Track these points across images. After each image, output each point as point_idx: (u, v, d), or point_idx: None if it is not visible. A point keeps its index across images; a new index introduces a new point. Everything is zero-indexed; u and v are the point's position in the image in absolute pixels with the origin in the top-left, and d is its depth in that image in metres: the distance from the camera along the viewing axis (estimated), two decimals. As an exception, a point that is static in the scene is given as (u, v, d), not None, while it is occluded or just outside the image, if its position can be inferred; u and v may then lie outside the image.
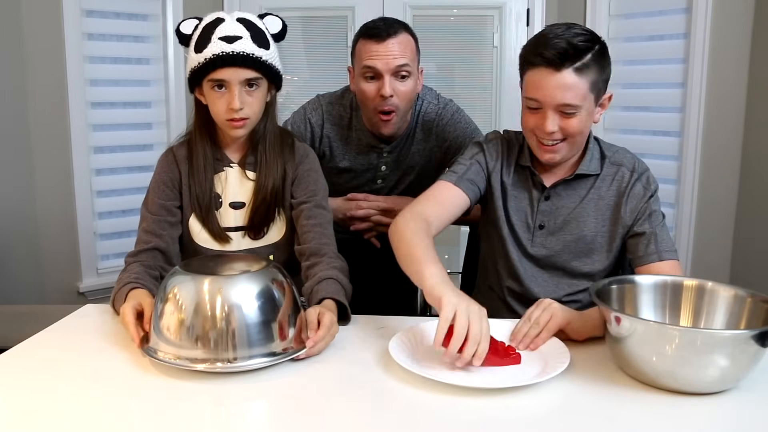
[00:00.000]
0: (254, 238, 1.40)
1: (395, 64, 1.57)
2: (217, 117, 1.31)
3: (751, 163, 2.33)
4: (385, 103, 1.59)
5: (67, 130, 2.60)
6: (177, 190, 1.38)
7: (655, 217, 1.33)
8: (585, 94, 1.24)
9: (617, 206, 1.33)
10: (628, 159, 1.37)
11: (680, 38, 2.47)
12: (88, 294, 2.70)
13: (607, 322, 1.00)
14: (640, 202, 1.33)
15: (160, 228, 1.35)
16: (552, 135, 1.26)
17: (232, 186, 1.39)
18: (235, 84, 1.26)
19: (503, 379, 0.97)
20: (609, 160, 1.37)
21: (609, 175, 1.36)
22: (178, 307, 1.01)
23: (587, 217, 1.35)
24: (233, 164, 1.39)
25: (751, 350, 0.90)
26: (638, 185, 1.34)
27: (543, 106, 1.25)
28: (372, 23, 1.62)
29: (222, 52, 1.24)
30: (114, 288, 1.26)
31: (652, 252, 1.29)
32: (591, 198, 1.35)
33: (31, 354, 1.10)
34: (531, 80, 1.27)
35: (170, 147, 1.42)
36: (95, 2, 2.64)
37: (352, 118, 1.74)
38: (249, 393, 0.96)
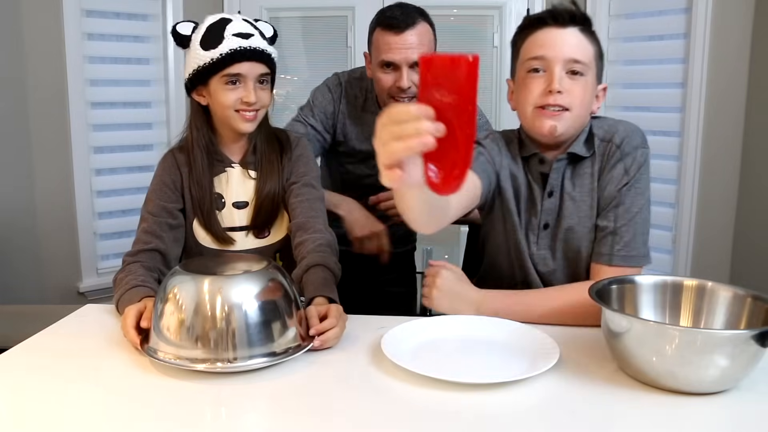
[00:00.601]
0: (258, 237, 1.40)
1: (413, 58, 1.56)
2: (226, 111, 1.32)
3: (751, 163, 2.33)
4: (403, 93, 1.59)
5: (67, 130, 2.60)
6: (179, 193, 1.38)
7: (624, 212, 1.20)
8: (591, 57, 1.20)
9: (593, 191, 1.24)
10: (620, 132, 1.24)
11: (680, 38, 2.47)
12: (88, 294, 2.70)
13: (608, 322, 1.00)
14: (614, 189, 1.22)
15: (161, 229, 1.34)
16: (558, 96, 1.17)
17: (235, 186, 1.39)
18: (251, 78, 1.30)
19: (501, 374, 0.97)
20: (597, 135, 1.26)
21: (598, 155, 1.25)
22: (178, 307, 1.01)
23: (582, 213, 1.26)
24: (234, 164, 1.40)
25: (751, 350, 0.90)
26: (619, 166, 1.22)
27: (549, 63, 1.18)
28: (390, 12, 1.60)
29: (240, 47, 1.28)
30: (118, 289, 1.23)
31: (605, 252, 1.21)
32: (585, 187, 1.25)
33: (31, 354, 1.10)
34: (534, 41, 1.21)
35: (170, 149, 1.42)
36: (95, 2, 2.64)
37: (366, 101, 1.74)
38: (249, 393, 0.96)
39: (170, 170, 1.38)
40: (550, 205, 1.28)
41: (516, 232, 1.30)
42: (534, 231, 1.30)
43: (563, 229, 1.28)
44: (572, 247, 1.27)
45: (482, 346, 1.10)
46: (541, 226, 1.29)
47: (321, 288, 1.20)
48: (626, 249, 1.20)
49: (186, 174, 1.37)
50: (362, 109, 1.73)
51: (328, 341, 1.08)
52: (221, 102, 1.32)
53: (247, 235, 1.40)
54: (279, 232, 1.42)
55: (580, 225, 1.26)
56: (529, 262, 1.31)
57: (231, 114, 1.32)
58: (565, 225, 1.27)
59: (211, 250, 1.39)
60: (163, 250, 1.34)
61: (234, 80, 1.30)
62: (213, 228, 1.37)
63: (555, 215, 1.29)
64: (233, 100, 1.30)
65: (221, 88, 1.31)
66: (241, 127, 1.34)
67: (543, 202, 1.28)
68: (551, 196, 1.28)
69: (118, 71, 2.78)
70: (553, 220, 1.29)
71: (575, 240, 1.27)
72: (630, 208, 1.21)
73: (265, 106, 1.35)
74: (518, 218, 1.30)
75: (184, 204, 1.38)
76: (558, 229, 1.28)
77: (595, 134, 1.27)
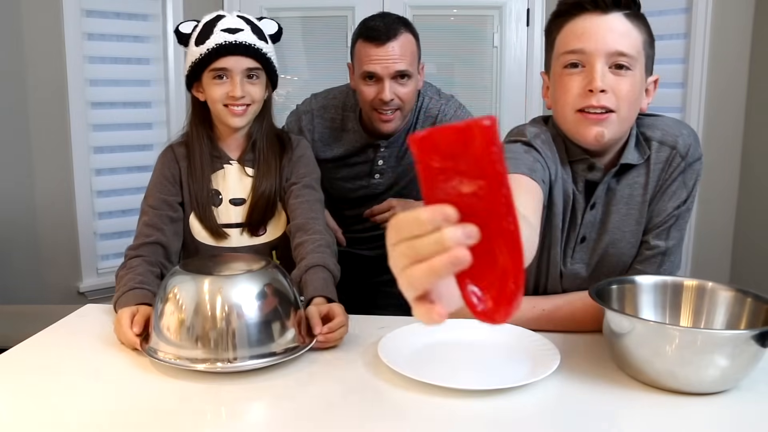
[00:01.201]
0: (254, 235, 1.40)
1: (395, 69, 1.55)
2: (216, 105, 1.34)
3: (751, 163, 2.33)
4: (385, 106, 1.58)
5: (67, 130, 2.60)
6: (178, 186, 1.38)
7: (677, 232, 1.12)
8: (639, 47, 1.03)
9: (644, 200, 1.11)
10: (684, 138, 1.10)
11: (680, 38, 2.47)
12: (88, 294, 2.70)
13: (609, 322, 0.99)
14: (673, 206, 1.11)
15: (162, 222, 1.34)
16: (601, 96, 1.01)
17: (232, 183, 1.40)
18: (237, 73, 1.31)
19: (502, 380, 0.97)
20: (654, 138, 1.10)
21: (656, 161, 1.10)
22: (178, 307, 1.01)
23: (628, 229, 1.13)
24: (232, 161, 1.41)
25: (752, 350, 0.90)
26: (679, 179, 1.10)
27: (589, 58, 1.02)
28: (372, 22, 1.59)
29: (225, 42, 1.30)
30: (118, 288, 1.23)
31: (650, 272, 1.13)
32: (635, 199, 1.12)
33: (31, 354, 1.10)
34: (572, 31, 1.04)
35: (170, 144, 1.43)
36: (95, 2, 2.64)
37: (343, 119, 1.73)
38: (249, 393, 0.96)
39: (170, 164, 1.39)
40: (591, 217, 1.15)
41: (555, 245, 1.16)
42: (571, 245, 1.17)
43: (604, 244, 1.16)
44: (610, 261, 1.16)
45: (481, 350, 1.09)
46: (578, 239, 1.16)
47: (321, 288, 1.19)
48: (671, 267, 1.14)
49: (185, 168, 1.38)
50: (341, 129, 1.73)
51: (333, 341, 1.08)
52: (211, 96, 1.34)
53: (242, 233, 1.40)
54: (275, 230, 1.42)
55: (624, 240, 1.15)
56: (558, 276, 1.19)
57: (220, 108, 1.34)
58: (607, 239, 1.15)
59: (206, 246, 1.39)
60: (165, 243, 1.34)
61: (221, 75, 1.32)
62: (209, 222, 1.37)
63: (596, 228, 1.16)
64: (220, 95, 1.32)
65: (210, 82, 1.33)
66: (230, 122, 1.35)
67: (585, 214, 1.14)
68: (593, 208, 1.14)
69: (118, 71, 2.78)
70: (593, 234, 1.16)
71: (615, 255, 1.16)
72: (682, 226, 1.13)
73: (255, 101, 1.35)
74: (561, 233, 1.15)
75: (182, 198, 1.39)
76: (598, 243, 1.16)
77: (651, 137, 1.12)
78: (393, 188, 1.75)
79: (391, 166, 1.73)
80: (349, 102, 1.73)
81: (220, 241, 1.39)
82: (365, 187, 1.75)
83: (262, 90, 1.36)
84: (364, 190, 1.76)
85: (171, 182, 1.38)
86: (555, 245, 1.15)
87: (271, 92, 1.42)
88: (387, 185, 1.75)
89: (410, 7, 2.88)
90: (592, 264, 1.18)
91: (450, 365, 1.05)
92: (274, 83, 1.41)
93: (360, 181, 1.76)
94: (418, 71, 1.63)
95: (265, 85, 1.37)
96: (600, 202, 1.13)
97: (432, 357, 1.07)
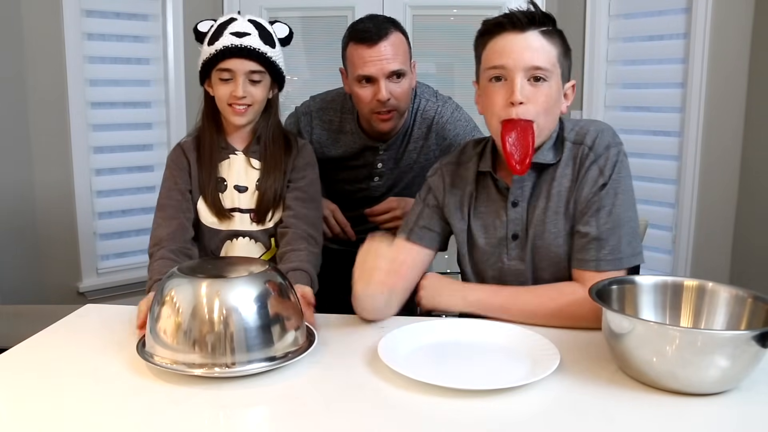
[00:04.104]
0: (257, 222, 1.47)
1: (389, 69, 1.55)
2: (221, 103, 1.42)
3: (751, 163, 2.33)
4: (382, 106, 1.58)
5: (67, 130, 2.60)
6: (187, 176, 1.47)
7: (606, 216, 1.15)
8: (554, 61, 1.14)
9: (569, 196, 1.19)
10: (591, 133, 1.19)
11: (680, 38, 2.47)
12: (88, 294, 2.70)
13: (609, 322, 0.99)
14: (590, 192, 1.16)
15: (179, 211, 1.43)
16: (521, 109, 1.12)
17: (237, 172, 1.47)
18: (240, 74, 1.39)
19: (502, 380, 0.97)
20: (568, 139, 1.20)
21: (569, 159, 1.20)
22: (175, 310, 1.00)
23: (549, 220, 1.21)
24: (238, 152, 1.48)
25: (752, 351, 0.90)
26: (594, 169, 1.17)
27: (510, 72, 1.14)
28: (361, 24, 1.59)
29: (231, 45, 1.38)
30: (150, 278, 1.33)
31: (591, 258, 1.16)
32: (553, 194, 1.20)
33: (31, 354, 1.10)
34: (494, 49, 1.16)
35: (178, 143, 1.52)
36: (95, 2, 2.64)
37: (341, 122, 1.73)
38: (248, 398, 0.95)
39: (178, 159, 1.48)
40: (516, 215, 1.24)
41: (480, 249, 1.29)
42: (503, 243, 1.26)
43: (531, 238, 1.23)
44: (544, 255, 1.23)
45: (481, 350, 1.09)
46: (509, 236, 1.26)
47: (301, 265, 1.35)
48: (613, 253, 1.16)
49: (194, 158, 1.47)
50: (339, 131, 1.73)
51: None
52: (217, 95, 1.43)
53: (247, 219, 1.47)
54: (276, 217, 1.49)
55: (546, 232, 1.21)
56: (507, 276, 1.27)
57: (225, 107, 1.42)
58: (532, 233, 1.23)
59: (212, 229, 1.46)
60: (186, 227, 1.43)
61: (226, 75, 1.39)
62: (214, 203, 1.45)
63: (523, 225, 1.24)
64: (225, 94, 1.40)
65: (216, 82, 1.41)
66: (232, 120, 1.43)
67: (507, 212, 1.25)
68: (516, 206, 1.24)
69: (118, 71, 2.78)
70: (522, 230, 1.24)
71: (543, 247, 1.22)
72: (612, 210, 1.16)
73: (256, 101, 1.42)
74: (483, 234, 1.28)
75: (191, 186, 1.47)
76: (527, 239, 1.24)
77: (566, 138, 1.22)
78: (392, 190, 1.76)
79: (389, 168, 1.73)
80: (347, 104, 1.73)
81: (225, 222, 1.46)
82: (365, 189, 1.75)
83: (264, 91, 1.43)
84: (364, 192, 1.76)
85: (182, 172, 1.46)
86: (479, 247, 1.28)
87: (277, 92, 1.50)
88: (386, 187, 1.75)
89: (410, 7, 2.88)
90: (526, 260, 1.25)
91: (450, 365, 1.05)
92: (280, 84, 1.49)
93: (359, 184, 1.76)
94: (411, 69, 1.63)
95: (268, 86, 1.45)
96: (522, 201, 1.24)
97: (432, 357, 1.07)
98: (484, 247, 1.28)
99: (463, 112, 1.73)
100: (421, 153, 1.72)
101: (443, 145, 1.70)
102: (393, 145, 1.70)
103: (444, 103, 1.72)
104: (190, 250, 1.43)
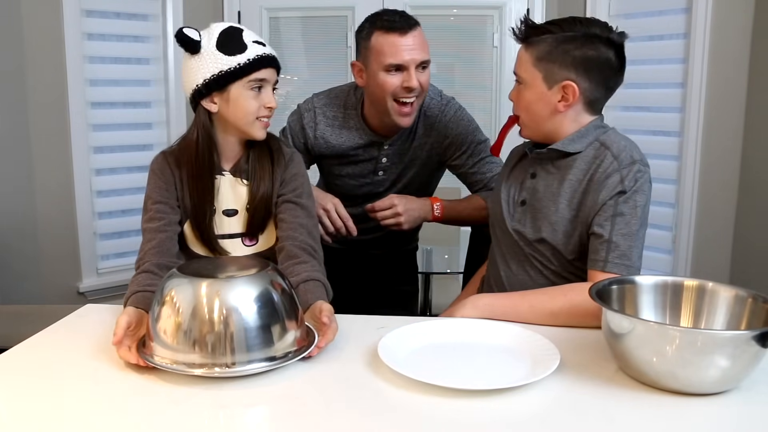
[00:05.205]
0: (248, 245, 1.40)
1: (420, 59, 1.57)
2: (246, 117, 1.31)
3: (751, 163, 2.33)
4: (410, 94, 1.58)
5: (67, 130, 2.60)
6: (174, 188, 1.37)
7: (620, 223, 1.21)
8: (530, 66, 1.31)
9: (586, 191, 1.26)
10: (620, 143, 1.27)
11: (680, 38, 2.47)
12: (88, 294, 2.70)
13: (609, 322, 1.00)
14: (607, 196, 1.22)
15: (167, 225, 1.33)
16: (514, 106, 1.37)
17: (225, 194, 1.38)
18: (271, 84, 1.33)
19: (502, 380, 0.97)
20: (597, 138, 1.29)
21: (589, 156, 1.28)
22: (175, 310, 0.99)
23: (560, 198, 1.28)
24: (225, 172, 1.39)
25: (752, 351, 0.90)
26: (615, 176, 1.23)
27: None
28: (387, 16, 1.59)
29: (264, 54, 1.31)
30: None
31: (600, 259, 1.22)
32: (569, 179, 1.28)
33: (31, 354, 1.10)
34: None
35: (162, 151, 1.41)
36: (95, 2, 2.65)
37: (345, 117, 1.73)
38: (248, 398, 0.95)
39: (164, 170, 1.37)
40: (531, 184, 1.36)
41: (499, 204, 1.42)
42: (511, 204, 1.40)
43: (532, 207, 1.34)
44: (537, 226, 1.32)
45: (481, 350, 1.09)
46: (518, 201, 1.38)
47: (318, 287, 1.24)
48: (621, 258, 1.20)
49: (178, 176, 1.37)
50: (343, 126, 1.73)
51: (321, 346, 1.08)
52: (244, 108, 1.31)
53: (237, 243, 1.39)
54: (268, 239, 1.41)
55: (547, 209, 1.31)
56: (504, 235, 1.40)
57: (251, 121, 1.32)
58: (537, 204, 1.33)
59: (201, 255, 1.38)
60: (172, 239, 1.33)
61: (258, 86, 1.31)
62: (206, 235, 1.37)
63: (532, 195, 1.36)
64: (256, 107, 1.31)
65: (245, 94, 1.30)
66: (257, 134, 1.34)
67: (525, 181, 1.38)
68: (534, 177, 1.36)
69: (118, 71, 2.78)
70: (530, 198, 1.36)
71: (540, 219, 1.31)
72: (629, 221, 1.21)
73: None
74: (505, 192, 1.43)
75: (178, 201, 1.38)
76: (530, 207, 1.35)
77: (597, 139, 1.30)
78: (396, 185, 1.76)
79: (394, 163, 1.74)
80: (351, 100, 1.73)
81: (216, 254, 1.38)
82: (369, 184, 1.76)
83: None
84: (368, 187, 1.76)
85: (167, 186, 1.36)
86: (499, 203, 1.42)
87: None
88: (390, 182, 1.76)
89: (410, 7, 2.88)
90: (526, 225, 1.34)
91: (450, 365, 1.05)
92: None
93: (364, 179, 1.76)
94: None
95: None
96: (540, 174, 1.36)
97: (432, 357, 1.07)
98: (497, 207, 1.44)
99: (465, 112, 1.74)
100: (423, 149, 1.73)
101: (444, 143, 1.71)
102: (397, 140, 1.71)
103: (447, 103, 1.73)
104: (176, 264, 1.27)
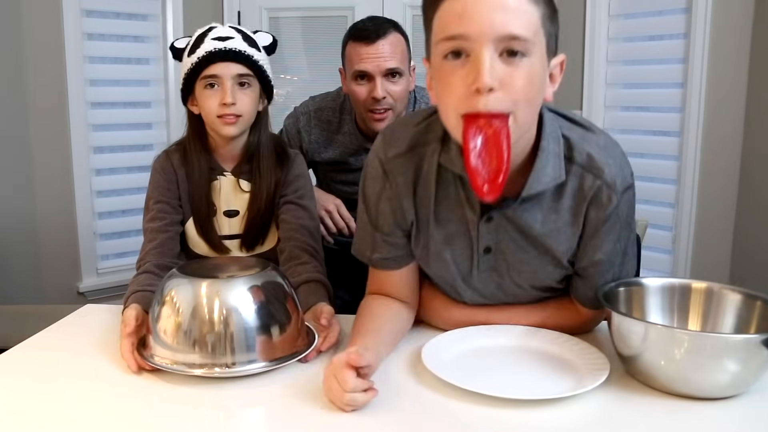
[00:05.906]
0: (249, 248, 1.40)
1: (386, 67, 1.56)
2: (209, 116, 1.32)
3: (751, 163, 2.33)
4: (378, 104, 1.58)
5: (67, 130, 2.60)
6: (176, 187, 1.37)
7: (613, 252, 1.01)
8: (537, 26, 0.82)
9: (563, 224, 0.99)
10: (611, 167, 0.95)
11: (680, 38, 2.47)
12: (88, 294, 2.70)
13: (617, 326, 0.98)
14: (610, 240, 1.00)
15: (169, 225, 1.34)
16: (490, 98, 0.80)
17: (226, 195, 1.39)
18: (227, 79, 1.29)
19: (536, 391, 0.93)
20: (578, 162, 0.95)
21: (575, 189, 0.96)
22: (175, 310, 0.99)
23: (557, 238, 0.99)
24: (226, 173, 1.39)
25: (763, 355, 0.88)
26: (613, 216, 0.98)
27: (474, 45, 0.80)
28: (361, 24, 1.61)
29: (215, 49, 1.29)
30: None
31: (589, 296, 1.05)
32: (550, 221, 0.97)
33: (31, 354, 1.09)
34: (452, 10, 0.81)
35: (165, 150, 1.41)
36: (95, 2, 2.64)
37: (340, 122, 1.73)
38: (248, 398, 0.94)
39: (167, 169, 1.38)
40: (491, 228, 1.00)
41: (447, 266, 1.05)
42: (471, 259, 1.04)
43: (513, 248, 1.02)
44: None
45: (525, 358, 1.03)
46: (480, 251, 1.02)
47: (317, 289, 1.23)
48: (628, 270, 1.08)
49: (182, 175, 1.37)
50: (337, 131, 1.73)
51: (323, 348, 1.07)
52: (204, 108, 1.32)
53: (238, 245, 1.40)
54: (269, 243, 1.41)
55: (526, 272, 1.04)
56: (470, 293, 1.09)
57: (213, 120, 1.31)
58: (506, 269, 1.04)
59: (203, 255, 1.38)
60: (174, 240, 1.34)
61: (212, 82, 1.30)
62: (209, 235, 1.37)
63: (496, 240, 1.02)
64: (214, 105, 1.30)
65: (202, 93, 1.31)
66: (223, 131, 1.32)
67: (480, 227, 1.00)
68: (490, 221, 0.99)
69: (118, 71, 2.78)
70: (494, 245, 1.02)
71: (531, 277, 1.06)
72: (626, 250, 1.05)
73: (246, 111, 1.32)
74: (448, 250, 1.04)
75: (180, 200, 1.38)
76: (503, 252, 1.03)
77: (575, 159, 0.95)
78: None
79: None
80: (347, 105, 1.74)
81: (219, 254, 1.39)
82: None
83: (254, 99, 1.34)
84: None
85: (169, 185, 1.36)
86: (443, 251, 1.04)
87: (267, 105, 1.40)
88: None
89: (410, 7, 2.87)
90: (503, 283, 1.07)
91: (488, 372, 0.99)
92: (269, 95, 1.39)
93: (357, 185, 1.76)
94: (409, 72, 1.64)
95: (258, 94, 1.35)
96: (497, 216, 0.98)
97: (471, 363, 1.01)
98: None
99: None
100: None
101: None
102: None
103: None
104: (177, 264, 1.28)
